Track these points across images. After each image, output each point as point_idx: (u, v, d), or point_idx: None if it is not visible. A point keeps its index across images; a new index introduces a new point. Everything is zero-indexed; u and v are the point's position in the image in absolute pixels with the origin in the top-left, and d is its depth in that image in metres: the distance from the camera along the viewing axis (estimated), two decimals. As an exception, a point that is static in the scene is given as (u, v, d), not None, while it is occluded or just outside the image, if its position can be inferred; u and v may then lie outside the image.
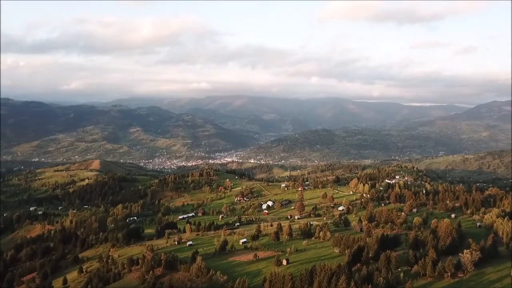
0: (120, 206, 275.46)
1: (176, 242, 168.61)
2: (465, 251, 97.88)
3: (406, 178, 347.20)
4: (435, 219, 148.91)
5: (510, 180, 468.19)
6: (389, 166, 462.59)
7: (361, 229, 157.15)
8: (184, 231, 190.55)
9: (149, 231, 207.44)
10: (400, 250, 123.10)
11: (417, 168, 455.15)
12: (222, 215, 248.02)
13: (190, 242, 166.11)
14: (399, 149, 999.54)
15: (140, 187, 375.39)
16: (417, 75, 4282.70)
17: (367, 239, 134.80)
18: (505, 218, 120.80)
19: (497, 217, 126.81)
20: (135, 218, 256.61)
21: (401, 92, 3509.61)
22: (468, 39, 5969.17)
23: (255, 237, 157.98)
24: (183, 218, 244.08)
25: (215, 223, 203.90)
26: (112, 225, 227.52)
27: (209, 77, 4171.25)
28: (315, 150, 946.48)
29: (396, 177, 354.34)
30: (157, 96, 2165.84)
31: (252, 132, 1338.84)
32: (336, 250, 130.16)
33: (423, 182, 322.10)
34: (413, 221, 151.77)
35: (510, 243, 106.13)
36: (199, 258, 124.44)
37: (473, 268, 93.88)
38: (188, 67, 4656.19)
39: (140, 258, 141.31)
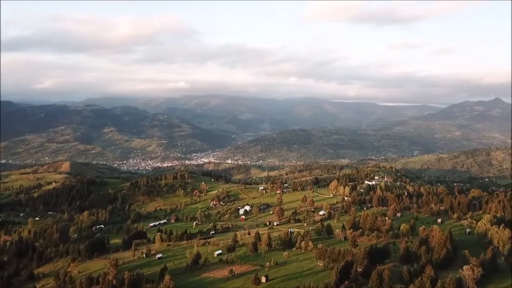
0: (86, 213, 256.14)
1: (144, 255, 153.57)
2: (465, 267, 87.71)
3: (385, 179, 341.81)
4: (423, 226, 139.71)
5: (486, 179, 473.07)
6: (368, 166, 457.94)
7: (345, 237, 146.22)
8: (155, 241, 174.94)
9: (116, 241, 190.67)
10: (389, 262, 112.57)
11: (395, 168, 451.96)
12: (197, 221, 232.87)
13: (160, 255, 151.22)
14: (375, 148, 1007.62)
15: (110, 191, 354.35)
16: (393, 76, 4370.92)
17: (353, 250, 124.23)
18: (501, 226, 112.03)
19: (491, 224, 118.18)
20: (102, 226, 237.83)
21: (377, 92, 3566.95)
22: (443, 40, 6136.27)
23: (231, 249, 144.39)
24: (154, 226, 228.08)
25: (188, 232, 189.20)
26: (76, 235, 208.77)
27: (187, 76, 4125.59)
28: (292, 150, 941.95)
29: (375, 177, 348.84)
30: (133, 96, 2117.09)
31: (229, 132, 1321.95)
32: (320, 264, 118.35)
33: (403, 183, 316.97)
34: (400, 228, 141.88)
35: (510, 256, 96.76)
36: (167, 277, 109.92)
37: (474, 286, 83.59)
38: (166, 66, 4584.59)
39: (101, 275, 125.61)
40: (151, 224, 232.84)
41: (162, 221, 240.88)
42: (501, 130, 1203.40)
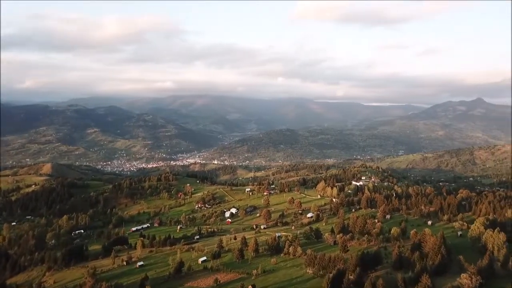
0: (65, 217, 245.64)
1: (125, 262, 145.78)
2: (463, 275, 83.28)
3: (372, 179, 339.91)
4: (415, 230, 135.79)
5: (470, 179, 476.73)
6: (354, 167, 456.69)
7: (334, 242, 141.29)
8: (136, 248, 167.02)
9: (95, 247, 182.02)
10: (381, 269, 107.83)
11: (381, 168, 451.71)
12: (181, 225, 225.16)
13: (141, 263, 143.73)
14: (360, 148, 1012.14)
15: (92, 193, 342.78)
16: (379, 76, 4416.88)
17: (344, 255, 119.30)
18: (495, 230, 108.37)
19: (485, 227, 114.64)
20: (82, 231, 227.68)
21: (363, 92, 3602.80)
22: (428, 41, 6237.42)
23: (216, 255, 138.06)
24: (137, 230, 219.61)
25: (171, 237, 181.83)
26: (53, 242, 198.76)
27: (174, 76, 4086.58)
28: (279, 150, 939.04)
29: (362, 178, 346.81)
30: (118, 96, 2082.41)
31: (216, 132, 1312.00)
32: (310, 271, 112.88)
33: (390, 184, 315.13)
34: (391, 232, 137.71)
35: (508, 262, 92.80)
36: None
37: (473, 295, 79.20)
38: (153, 66, 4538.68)
39: (77, 286, 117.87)
40: (134, 229, 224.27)
41: (145, 225, 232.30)
42: (483, 129, 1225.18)
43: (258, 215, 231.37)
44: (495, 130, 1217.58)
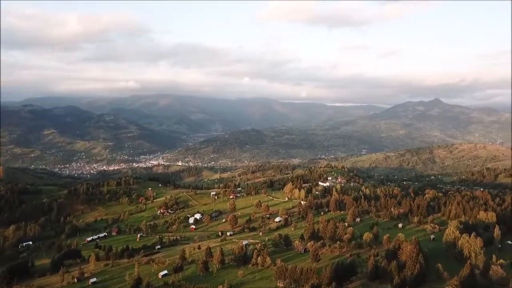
0: (11, 227, 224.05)
1: (75, 279, 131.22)
2: (446, 288, 77.28)
3: (339, 179, 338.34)
4: (387, 235, 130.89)
5: (432, 177, 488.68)
6: (320, 167, 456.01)
7: (305, 249, 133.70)
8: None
9: (44, 261, 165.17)
10: (356, 280, 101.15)
11: (347, 168, 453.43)
12: (141, 233, 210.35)
13: (94, 279, 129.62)
14: (324, 147, 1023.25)
15: (45, 200, 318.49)
16: (343, 77, 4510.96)
17: (315, 265, 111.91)
18: (471, 235, 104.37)
19: (459, 231, 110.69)
20: (30, 243, 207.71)
21: (326, 93, 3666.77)
22: (390, 43, 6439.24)
23: (178, 268, 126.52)
24: (92, 240, 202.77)
25: (130, 247, 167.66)
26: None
27: (138, 75, 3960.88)
28: (245, 151, 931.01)
29: (329, 178, 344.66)
30: (77, 96, 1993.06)
31: (179, 133, 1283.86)
32: (280, 284, 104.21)
33: (356, 184, 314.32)
34: (363, 238, 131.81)
35: (488, 270, 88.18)
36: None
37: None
38: (116, 65, 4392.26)
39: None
40: (89, 239, 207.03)
41: (101, 234, 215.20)
42: (440, 128, 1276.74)
43: (224, 220, 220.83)
44: (451, 129, 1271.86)
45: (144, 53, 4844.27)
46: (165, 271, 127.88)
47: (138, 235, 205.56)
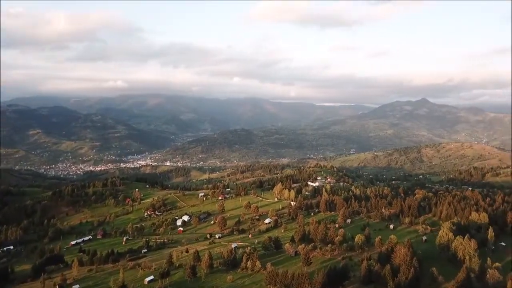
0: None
1: (57, 286, 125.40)
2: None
3: (328, 179, 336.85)
4: (379, 237, 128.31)
5: (420, 176, 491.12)
6: (310, 166, 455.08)
7: (295, 252, 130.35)
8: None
9: (25, 267, 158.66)
10: (349, 285, 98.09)
11: (336, 168, 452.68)
12: (127, 236, 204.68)
13: (77, 286, 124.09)
14: (313, 147, 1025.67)
15: (28, 202, 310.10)
16: (333, 77, 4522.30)
17: (307, 269, 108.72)
18: (465, 237, 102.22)
19: (453, 233, 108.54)
20: (11, 247, 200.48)
21: (316, 93, 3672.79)
22: (381, 43, 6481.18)
23: (164, 274, 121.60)
24: (77, 244, 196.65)
25: (115, 251, 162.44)
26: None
27: (127, 75, 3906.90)
28: (234, 150, 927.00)
29: (318, 178, 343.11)
30: (64, 95, 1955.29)
31: (168, 133, 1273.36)
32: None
33: (346, 184, 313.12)
34: (355, 240, 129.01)
35: (484, 274, 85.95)
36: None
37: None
38: (105, 64, 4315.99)
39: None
40: (73, 242, 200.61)
41: (86, 238, 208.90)
42: (427, 128, 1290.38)
43: (212, 222, 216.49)
44: (438, 128, 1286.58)
45: (134, 53, 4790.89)
46: (151, 277, 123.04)
47: (124, 238, 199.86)
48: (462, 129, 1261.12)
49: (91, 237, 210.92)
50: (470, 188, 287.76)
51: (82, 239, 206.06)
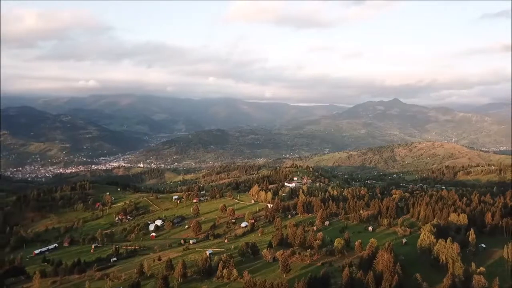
0: None
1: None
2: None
3: (304, 180, 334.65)
4: (359, 241, 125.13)
5: (394, 175, 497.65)
6: (286, 167, 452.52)
7: (273, 258, 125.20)
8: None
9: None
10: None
11: (312, 168, 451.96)
12: (96, 243, 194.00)
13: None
14: (289, 147, 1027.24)
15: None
16: (308, 77, 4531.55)
17: (286, 276, 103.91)
18: (448, 240, 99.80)
19: (435, 236, 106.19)
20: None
21: (290, 93, 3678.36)
22: (355, 44, 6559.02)
23: (135, 285, 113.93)
24: (41, 253, 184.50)
25: (82, 260, 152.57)
26: None
27: (99, 75, 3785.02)
28: (209, 151, 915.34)
29: (294, 178, 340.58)
30: (32, 95, 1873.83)
31: (141, 134, 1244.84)
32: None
33: (322, 184, 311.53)
34: (335, 244, 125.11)
35: (469, 280, 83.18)
36: None
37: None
38: (76, 63, 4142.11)
39: None
40: (37, 251, 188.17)
41: (51, 246, 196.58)
42: (399, 127, 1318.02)
43: (187, 227, 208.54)
44: (410, 128, 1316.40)
45: (106, 52, 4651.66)
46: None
47: (93, 246, 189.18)
48: (432, 129, 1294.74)
49: (56, 245, 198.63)
50: (444, 188, 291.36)
51: (47, 247, 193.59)
